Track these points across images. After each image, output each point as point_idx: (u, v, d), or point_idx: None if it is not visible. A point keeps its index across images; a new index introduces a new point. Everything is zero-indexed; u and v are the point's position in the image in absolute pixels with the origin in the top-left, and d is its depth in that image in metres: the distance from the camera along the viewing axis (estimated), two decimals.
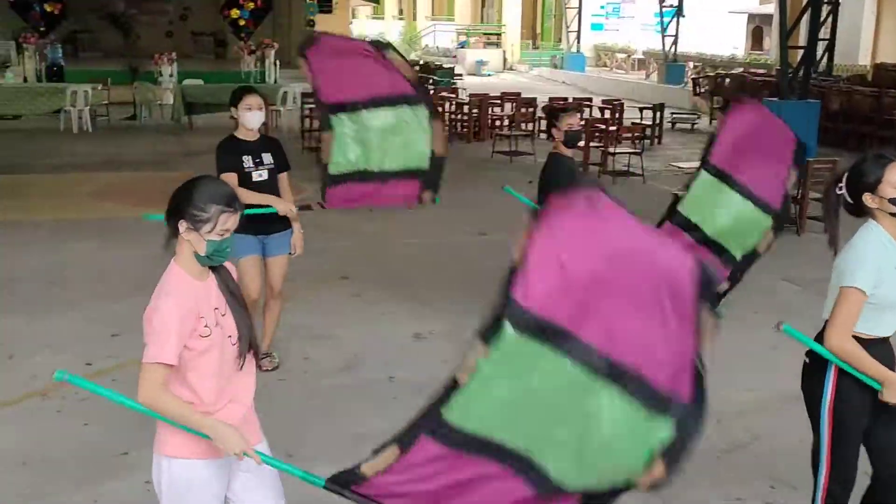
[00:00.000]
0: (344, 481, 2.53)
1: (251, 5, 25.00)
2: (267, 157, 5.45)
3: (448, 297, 7.29)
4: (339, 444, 4.59)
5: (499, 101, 17.42)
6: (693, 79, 23.35)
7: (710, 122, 19.44)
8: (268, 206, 5.28)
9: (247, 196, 4.91)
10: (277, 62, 20.78)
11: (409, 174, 5.18)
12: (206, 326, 2.75)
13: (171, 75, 19.37)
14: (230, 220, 2.76)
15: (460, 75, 25.79)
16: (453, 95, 18.46)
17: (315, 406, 5.31)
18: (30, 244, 8.72)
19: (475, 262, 8.41)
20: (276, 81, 19.79)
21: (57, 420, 5.03)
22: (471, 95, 17.94)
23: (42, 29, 23.12)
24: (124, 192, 11.25)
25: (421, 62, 28.97)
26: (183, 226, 2.75)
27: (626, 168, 13.30)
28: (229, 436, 2.69)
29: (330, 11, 26.05)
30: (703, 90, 21.79)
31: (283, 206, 5.37)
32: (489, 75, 34.30)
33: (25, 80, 18.58)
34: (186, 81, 18.42)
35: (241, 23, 24.84)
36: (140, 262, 7.91)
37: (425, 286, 7.61)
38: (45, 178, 12.12)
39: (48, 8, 24.29)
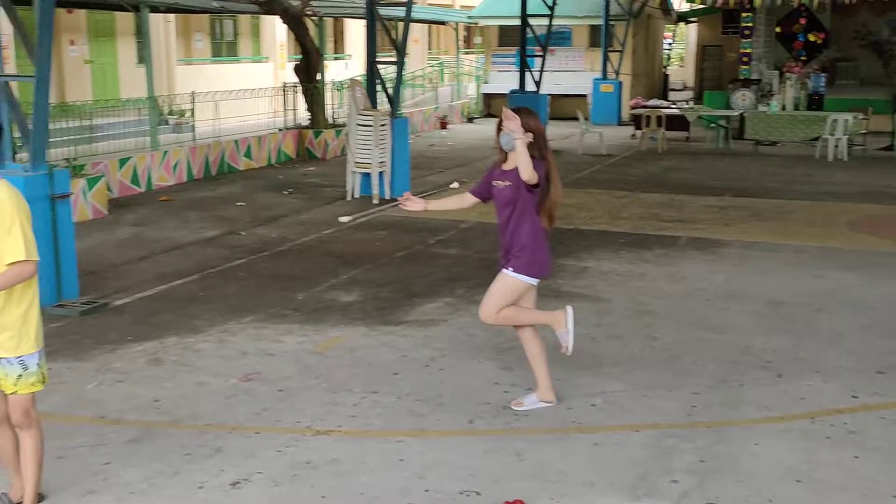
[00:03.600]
0: None
1: None
2: None
3: None
4: None
5: None
6: None
7: None
8: None
9: None
10: None
11: None
12: None
13: None
14: None
15: None
16: None
17: None
18: (794, 267, 9.02)
19: None
20: None
21: (825, 445, 5.08)
22: None
23: (803, 58, 23.76)
24: (885, 226, 10.91)
25: None
26: None
27: None
28: None
29: None
30: None
31: None
32: None
33: (784, 107, 19.31)
34: None
35: None
36: None
37: None
38: (803, 205, 12.41)
39: (811, 37, 24.84)
